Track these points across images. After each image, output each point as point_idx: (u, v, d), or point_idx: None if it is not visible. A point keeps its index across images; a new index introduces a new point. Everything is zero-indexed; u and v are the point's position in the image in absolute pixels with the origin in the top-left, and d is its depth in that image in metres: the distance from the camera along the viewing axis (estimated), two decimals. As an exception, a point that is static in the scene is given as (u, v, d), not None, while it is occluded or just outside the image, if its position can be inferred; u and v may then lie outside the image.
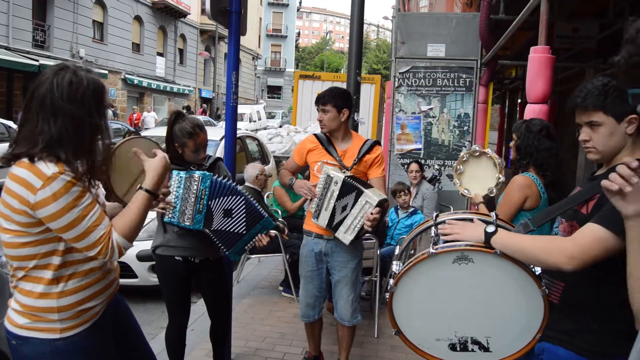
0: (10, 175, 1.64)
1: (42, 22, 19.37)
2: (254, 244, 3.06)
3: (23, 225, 1.65)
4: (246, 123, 22.45)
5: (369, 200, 2.93)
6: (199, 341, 3.96)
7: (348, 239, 3.04)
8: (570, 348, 1.72)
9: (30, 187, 1.60)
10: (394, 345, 4.07)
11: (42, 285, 1.72)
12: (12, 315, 1.76)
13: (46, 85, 1.65)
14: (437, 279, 1.77)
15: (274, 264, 6.16)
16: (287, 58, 52.33)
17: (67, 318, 1.75)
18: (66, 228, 1.65)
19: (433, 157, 7.01)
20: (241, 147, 7.63)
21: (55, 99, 1.64)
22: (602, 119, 1.70)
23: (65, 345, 1.75)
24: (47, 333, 1.74)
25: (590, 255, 1.52)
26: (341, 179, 3.03)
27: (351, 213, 3.00)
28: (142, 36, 26.25)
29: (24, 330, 1.73)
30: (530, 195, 2.70)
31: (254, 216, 3.01)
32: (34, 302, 1.72)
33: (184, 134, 2.93)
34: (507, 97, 15.34)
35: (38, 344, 1.73)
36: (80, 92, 1.67)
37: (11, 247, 1.69)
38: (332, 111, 3.24)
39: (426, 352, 1.87)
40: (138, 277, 4.89)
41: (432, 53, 6.89)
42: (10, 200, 1.63)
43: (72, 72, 1.68)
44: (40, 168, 1.61)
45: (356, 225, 3.00)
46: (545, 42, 3.84)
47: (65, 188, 1.62)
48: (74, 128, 1.66)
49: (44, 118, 1.64)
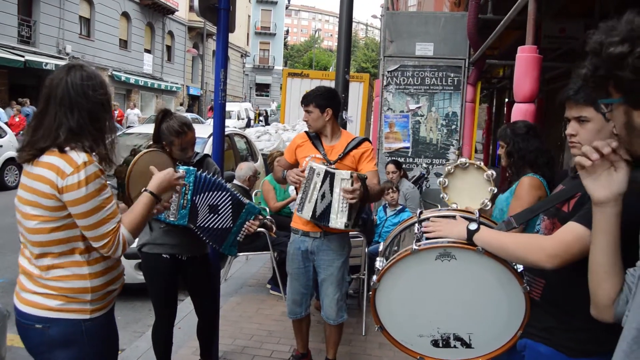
0: (40, 164, 1.76)
1: (28, 17, 19.14)
2: (245, 232, 3.06)
3: (51, 209, 1.75)
4: (234, 120, 22.37)
5: (343, 177, 2.97)
6: (187, 339, 3.95)
7: (342, 221, 3.03)
8: (551, 345, 1.74)
9: (60, 172, 1.72)
10: (382, 342, 4.08)
11: (76, 267, 1.81)
12: (37, 299, 1.81)
13: (61, 84, 1.80)
14: (420, 275, 1.79)
15: (262, 262, 6.16)
16: (275, 56, 52.22)
17: (97, 299, 1.86)
18: (85, 215, 1.75)
19: (421, 156, 7.05)
20: (229, 144, 7.61)
21: (71, 94, 1.79)
22: (591, 115, 1.70)
23: (92, 325, 1.86)
24: (78, 314, 1.83)
25: (571, 254, 1.54)
26: (323, 169, 3.05)
27: (334, 198, 3.02)
28: (130, 32, 26.05)
29: (55, 312, 1.80)
30: (542, 195, 2.61)
31: (237, 207, 3.01)
32: (69, 284, 1.81)
33: (171, 132, 2.91)
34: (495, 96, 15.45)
35: (69, 324, 1.81)
36: (92, 86, 1.84)
37: (38, 233, 1.77)
38: (315, 111, 3.27)
39: (409, 349, 1.88)
40: (125, 275, 4.85)
41: (421, 52, 6.92)
42: (38, 186, 1.74)
43: (83, 69, 1.86)
44: (71, 156, 1.74)
45: (343, 207, 3.01)
46: (532, 42, 3.87)
47: (93, 176, 1.75)
48: (90, 119, 1.82)
49: (63, 113, 1.79)
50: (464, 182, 3.13)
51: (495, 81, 12.84)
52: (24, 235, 1.83)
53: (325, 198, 3.05)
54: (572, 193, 1.73)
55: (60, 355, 1.82)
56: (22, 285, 1.86)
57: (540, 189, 2.64)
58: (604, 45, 1.13)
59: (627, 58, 1.09)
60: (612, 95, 1.18)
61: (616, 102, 1.17)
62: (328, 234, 3.27)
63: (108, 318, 1.95)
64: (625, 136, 1.21)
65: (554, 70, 7.78)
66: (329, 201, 3.04)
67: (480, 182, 3.06)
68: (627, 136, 1.20)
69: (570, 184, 1.84)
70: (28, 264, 1.84)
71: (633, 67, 1.08)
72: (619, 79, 1.12)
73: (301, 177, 3.14)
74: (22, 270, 1.87)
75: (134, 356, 3.69)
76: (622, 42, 1.10)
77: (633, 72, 1.08)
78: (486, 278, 1.74)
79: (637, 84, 1.09)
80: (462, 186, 3.14)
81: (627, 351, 1.07)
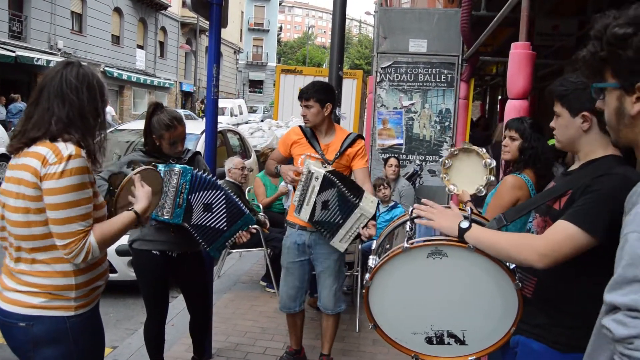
0: (28, 153, 1.75)
1: (19, 12, 18.94)
2: (235, 240, 3.06)
3: (34, 199, 1.72)
4: (227, 117, 22.28)
5: (365, 214, 3.00)
6: (180, 336, 3.94)
7: (343, 247, 3.13)
8: (544, 341, 1.75)
9: (44, 160, 1.70)
10: (376, 339, 4.09)
11: (60, 264, 1.78)
12: (19, 297, 1.79)
13: (57, 77, 1.81)
14: (412, 273, 1.79)
15: (255, 259, 6.15)
16: (269, 52, 52.03)
17: (82, 296, 1.84)
18: (55, 207, 1.71)
19: (414, 153, 7.04)
20: (222, 141, 7.58)
21: (64, 88, 1.80)
22: (559, 110, 1.78)
23: (77, 322, 1.83)
24: (62, 311, 1.80)
25: (561, 253, 1.55)
26: (321, 174, 3.04)
27: (346, 224, 3.05)
28: (122, 28, 25.85)
29: (38, 310, 1.78)
30: (521, 197, 2.62)
31: (234, 212, 3.01)
32: (53, 281, 1.78)
33: (161, 126, 2.89)
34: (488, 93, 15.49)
35: (53, 322, 1.79)
36: (86, 86, 1.84)
37: (21, 227, 1.75)
38: (316, 106, 3.26)
39: (403, 346, 1.88)
40: (117, 272, 4.84)
41: (414, 48, 6.90)
42: (23, 175, 1.73)
43: (79, 66, 1.87)
44: (58, 147, 1.73)
45: (351, 235, 3.08)
46: (526, 38, 3.86)
47: (76, 170, 1.72)
48: (80, 115, 1.81)
49: (56, 104, 1.79)
50: (465, 166, 3.19)
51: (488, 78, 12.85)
52: (5, 229, 1.81)
53: (329, 210, 3.06)
54: (563, 190, 1.74)
55: (46, 352, 1.80)
56: (3, 283, 1.83)
57: (521, 189, 2.64)
58: (609, 27, 1.16)
59: (631, 38, 1.12)
60: (608, 81, 1.21)
61: (611, 86, 1.19)
62: None
63: (93, 314, 1.93)
64: (615, 124, 1.22)
65: (547, 67, 7.80)
66: (336, 221, 3.06)
67: (479, 168, 3.10)
68: (616, 124, 1.22)
69: (561, 181, 1.85)
70: (9, 260, 1.83)
71: (637, 48, 1.11)
72: (619, 60, 1.14)
73: (297, 178, 3.14)
74: (4, 267, 1.85)
75: (126, 353, 3.67)
76: (627, 25, 1.13)
77: (636, 52, 1.11)
78: (478, 275, 1.74)
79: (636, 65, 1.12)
80: (462, 169, 3.19)
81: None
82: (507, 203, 2.62)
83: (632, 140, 1.20)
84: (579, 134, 1.74)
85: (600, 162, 1.70)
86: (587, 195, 1.59)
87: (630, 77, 1.13)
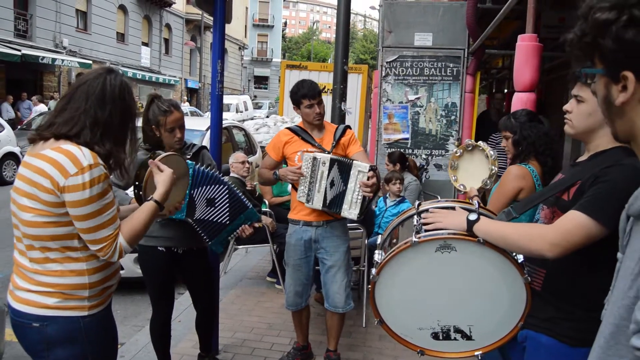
0: (44, 157, 1.72)
1: (24, 11, 19.01)
2: (237, 235, 3.06)
3: (49, 204, 1.71)
4: (233, 113, 22.27)
5: (361, 169, 3.01)
6: (186, 332, 3.94)
7: (355, 213, 3.08)
8: (553, 335, 1.73)
9: (63, 171, 1.69)
10: (382, 334, 4.07)
11: (72, 263, 1.79)
12: (33, 297, 1.78)
13: (99, 79, 1.82)
14: (420, 268, 1.77)
15: (262, 255, 6.15)
16: (273, 48, 51.98)
17: (95, 295, 1.84)
18: (84, 217, 1.72)
19: (420, 147, 7.01)
20: (227, 137, 7.58)
21: (107, 91, 1.81)
22: (587, 97, 1.71)
23: (91, 322, 1.83)
24: (76, 311, 1.80)
25: (572, 242, 1.53)
26: (328, 158, 3.12)
27: (348, 188, 3.06)
28: (127, 26, 25.90)
29: (52, 310, 1.77)
30: (524, 186, 2.60)
31: (237, 206, 3.00)
32: (66, 280, 1.78)
33: (159, 112, 2.88)
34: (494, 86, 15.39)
35: (67, 322, 1.79)
36: (128, 93, 1.88)
37: (34, 227, 1.74)
38: (323, 102, 3.34)
39: (409, 342, 1.87)
40: (124, 269, 4.84)
41: (420, 42, 6.87)
42: (39, 179, 1.71)
43: (123, 76, 1.91)
44: (77, 156, 1.71)
45: (357, 198, 3.05)
46: (532, 30, 3.83)
47: (97, 179, 1.72)
48: (121, 121, 1.84)
49: (94, 104, 1.79)
50: (471, 164, 3.19)
51: (494, 72, 12.76)
52: (18, 227, 1.79)
53: (335, 186, 3.10)
54: (572, 181, 1.72)
55: (60, 353, 1.80)
56: (15, 283, 1.83)
57: (524, 179, 2.61)
58: (592, 10, 1.03)
59: (611, 25, 0.99)
60: (597, 66, 1.08)
61: (598, 72, 1.08)
62: (331, 222, 3.30)
63: (106, 314, 1.93)
64: (606, 114, 1.11)
65: (553, 60, 7.73)
66: (341, 190, 3.08)
67: (484, 163, 3.11)
68: (607, 114, 1.11)
69: (569, 172, 1.83)
70: (21, 258, 1.81)
71: (616, 37, 0.98)
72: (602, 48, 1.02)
73: (301, 172, 3.13)
74: (16, 266, 1.84)
75: (133, 350, 3.68)
76: (610, 9, 1.00)
77: (615, 41, 0.99)
78: (487, 269, 1.72)
79: (618, 55, 1.00)
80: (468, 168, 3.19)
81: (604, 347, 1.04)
82: (509, 192, 2.60)
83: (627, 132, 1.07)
84: (600, 124, 1.68)
85: (609, 153, 1.68)
86: (597, 185, 1.58)
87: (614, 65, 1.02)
